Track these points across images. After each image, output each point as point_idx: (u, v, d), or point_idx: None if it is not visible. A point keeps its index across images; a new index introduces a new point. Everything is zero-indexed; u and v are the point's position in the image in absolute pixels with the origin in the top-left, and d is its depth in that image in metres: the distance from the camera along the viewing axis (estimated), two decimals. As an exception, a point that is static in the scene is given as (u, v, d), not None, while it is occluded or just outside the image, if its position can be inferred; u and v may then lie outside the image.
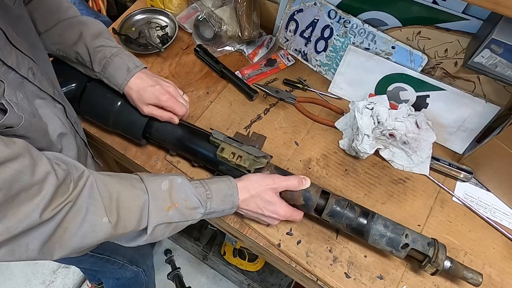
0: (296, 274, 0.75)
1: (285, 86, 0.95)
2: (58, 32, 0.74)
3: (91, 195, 0.53)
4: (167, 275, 1.58)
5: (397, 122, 0.81)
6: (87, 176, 0.54)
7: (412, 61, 0.83)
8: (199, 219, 0.65)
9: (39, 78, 0.59)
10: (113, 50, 0.74)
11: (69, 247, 0.52)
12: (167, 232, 0.62)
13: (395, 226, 0.67)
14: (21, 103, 0.50)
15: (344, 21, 0.87)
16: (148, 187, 0.60)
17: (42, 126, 0.57)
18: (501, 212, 0.78)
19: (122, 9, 1.18)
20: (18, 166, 0.44)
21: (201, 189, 0.64)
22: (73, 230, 0.51)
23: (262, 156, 0.72)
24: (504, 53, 0.65)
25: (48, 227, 0.48)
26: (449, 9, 0.74)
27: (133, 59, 0.75)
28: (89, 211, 0.52)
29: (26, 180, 0.45)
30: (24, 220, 0.46)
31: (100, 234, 0.54)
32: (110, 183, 0.56)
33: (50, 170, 0.49)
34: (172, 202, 0.60)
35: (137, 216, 0.57)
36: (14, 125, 0.48)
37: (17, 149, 0.45)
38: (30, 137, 0.52)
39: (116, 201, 0.55)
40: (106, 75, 0.74)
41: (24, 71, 0.54)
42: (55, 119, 0.62)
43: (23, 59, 0.55)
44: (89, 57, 0.73)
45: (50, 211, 0.48)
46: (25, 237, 0.47)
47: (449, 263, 0.65)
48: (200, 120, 0.89)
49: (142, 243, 0.61)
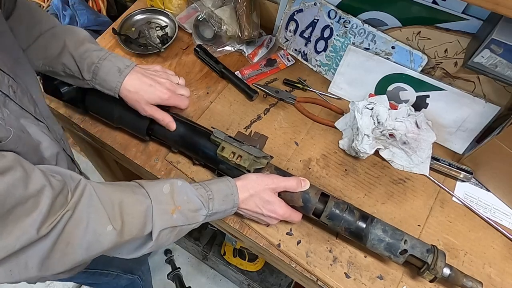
0: (296, 274, 0.75)
1: (285, 86, 0.95)
2: (41, 46, 0.71)
3: (91, 203, 0.51)
4: (167, 275, 1.58)
5: (397, 122, 0.81)
6: (84, 185, 0.52)
7: (412, 61, 0.83)
8: (202, 221, 0.64)
9: (19, 97, 0.56)
10: (100, 53, 0.70)
11: (73, 260, 0.50)
12: (172, 237, 0.60)
13: (394, 231, 0.67)
14: (8, 119, 0.48)
15: (344, 21, 0.87)
16: (149, 192, 0.58)
17: (33, 143, 0.55)
18: (501, 212, 0.78)
19: (122, 9, 1.18)
20: (9, 180, 0.42)
21: (202, 190, 0.64)
22: (76, 241, 0.49)
23: (263, 157, 0.72)
24: (504, 53, 0.65)
25: (47, 241, 0.46)
26: (449, 9, 0.74)
27: (122, 60, 0.72)
28: (91, 220, 0.50)
29: (20, 193, 0.43)
30: (21, 237, 0.43)
31: (105, 243, 0.51)
32: (109, 190, 0.55)
33: (45, 182, 0.46)
34: (175, 205, 0.59)
35: (141, 221, 0.55)
36: (3, 139, 0.45)
37: (7, 162, 0.43)
38: (20, 152, 0.49)
39: (119, 207, 0.54)
40: (98, 81, 0.71)
41: (5, 89, 0.51)
42: (44, 136, 0.59)
43: (3, 77, 0.52)
44: (76, 67, 0.70)
45: (48, 225, 0.46)
46: (23, 254, 0.45)
47: (448, 270, 0.64)
48: (200, 120, 0.89)
49: (147, 251, 0.59)
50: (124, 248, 0.58)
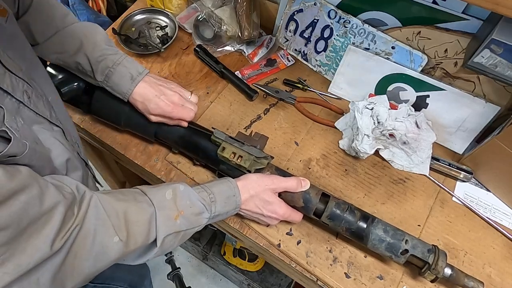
0: (296, 274, 0.75)
1: (285, 86, 0.95)
2: (57, 42, 0.72)
3: (98, 215, 0.51)
4: (167, 275, 1.58)
5: (397, 122, 0.81)
6: (89, 197, 0.52)
7: (412, 61, 0.83)
8: (205, 224, 0.64)
9: (34, 102, 0.54)
10: (115, 58, 0.72)
11: (82, 273, 0.49)
12: (176, 242, 0.60)
13: (395, 231, 0.66)
14: (22, 130, 0.46)
15: (344, 21, 0.87)
16: (152, 199, 0.58)
17: (45, 153, 0.54)
18: (501, 212, 0.78)
19: (122, 9, 1.18)
20: (26, 198, 0.41)
21: (204, 193, 0.63)
22: (84, 255, 0.48)
23: (263, 157, 0.72)
24: (504, 53, 0.65)
25: (59, 257, 0.45)
26: (449, 9, 0.74)
27: (136, 66, 0.74)
28: (97, 232, 0.50)
29: (35, 211, 0.42)
30: (35, 255, 0.42)
31: (112, 254, 0.51)
32: (113, 200, 0.54)
33: (59, 198, 0.46)
34: (178, 210, 0.59)
35: (146, 229, 0.55)
36: (18, 153, 0.43)
37: (24, 179, 0.42)
38: (34, 165, 0.48)
39: (124, 217, 0.53)
40: (109, 84, 0.73)
41: (19, 95, 0.50)
42: (56, 143, 0.58)
43: (17, 82, 0.51)
44: (90, 68, 0.72)
45: (60, 240, 0.45)
46: (35, 272, 0.43)
47: (449, 270, 0.64)
48: (200, 120, 0.89)
49: (151, 257, 0.59)
50: (130, 256, 0.57)
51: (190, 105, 0.77)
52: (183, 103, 0.76)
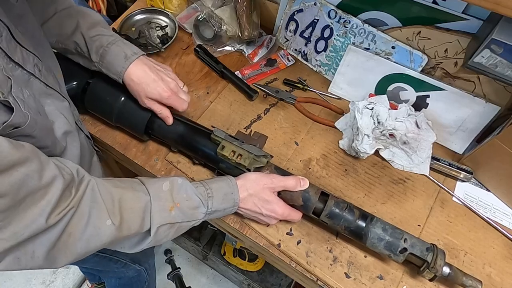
0: (296, 274, 0.75)
1: (285, 86, 0.95)
2: (55, 24, 0.73)
3: (93, 199, 0.53)
4: (167, 275, 1.58)
5: (397, 122, 0.81)
6: (88, 180, 0.54)
7: (412, 61, 0.83)
8: (202, 219, 0.65)
9: (44, 75, 0.58)
10: (109, 38, 0.72)
11: (74, 252, 0.52)
12: (171, 233, 0.62)
13: (394, 230, 0.67)
14: (27, 100, 0.50)
15: (344, 21, 0.87)
16: (149, 189, 0.60)
17: (47, 124, 0.57)
18: (501, 212, 0.78)
19: (122, 9, 1.18)
20: (26, 170, 0.44)
21: (202, 188, 0.64)
22: (78, 235, 0.51)
23: (262, 156, 0.72)
24: (504, 53, 0.65)
25: (54, 232, 0.48)
26: (449, 9, 0.74)
27: (131, 47, 0.74)
28: (92, 214, 0.52)
29: (34, 184, 0.45)
30: (31, 225, 0.45)
31: (105, 237, 0.53)
32: (110, 186, 0.56)
33: (57, 175, 0.48)
34: (174, 202, 0.61)
35: (140, 217, 0.57)
36: (21, 124, 0.47)
37: (26, 153, 0.45)
38: (36, 136, 0.51)
39: (119, 203, 0.56)
40: (104, 64, 0.72)
41: (30, 67, 0.54)
42: (60, 116, 0.62)
43: (28, 56, 0.54)
44: (86, 47, 0.72)
45: (56, 216, 0.47)
46: (31, 243, 0.47)
47: (448, 269, 0.64)
48: (200, 120, 0.89)
49: (146, 246, 0.61)
50: (126, 243, 0.60)
51: (184, 96, 0.77)
52: (178, 92, 0.76)
